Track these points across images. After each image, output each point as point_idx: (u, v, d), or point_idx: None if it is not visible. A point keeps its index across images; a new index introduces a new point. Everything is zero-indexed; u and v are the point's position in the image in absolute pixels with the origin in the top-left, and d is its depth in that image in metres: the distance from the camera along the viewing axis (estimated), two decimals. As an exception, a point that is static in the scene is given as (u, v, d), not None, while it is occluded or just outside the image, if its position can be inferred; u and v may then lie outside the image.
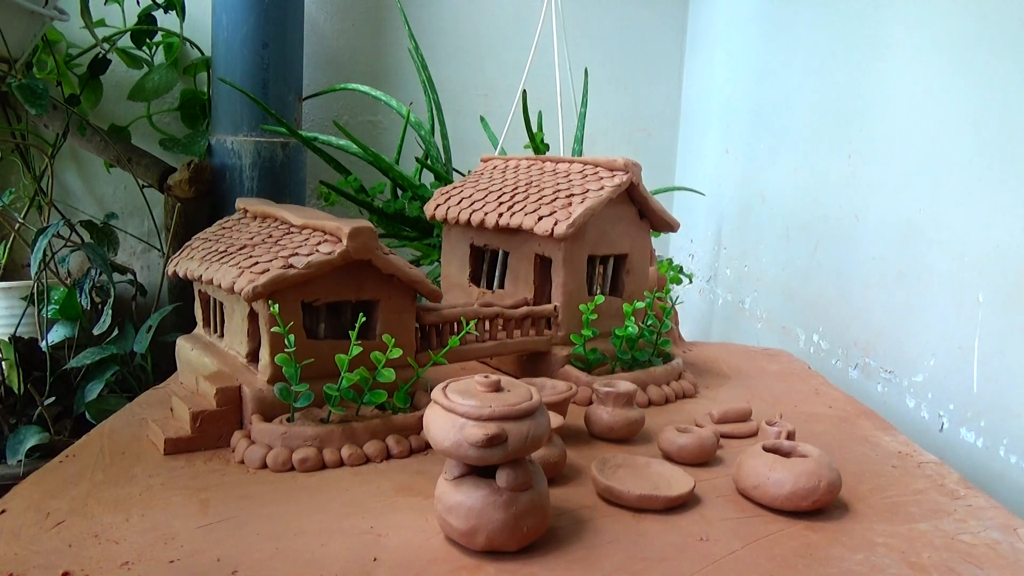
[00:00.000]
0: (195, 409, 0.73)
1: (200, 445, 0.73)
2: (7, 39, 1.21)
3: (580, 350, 0.93)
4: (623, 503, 0.64)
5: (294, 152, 1.52)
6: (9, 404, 1.26)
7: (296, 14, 1.52)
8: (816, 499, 0.63)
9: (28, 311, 1.38)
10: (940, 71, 1.09)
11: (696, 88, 1.97)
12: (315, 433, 0.71)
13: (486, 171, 1.11)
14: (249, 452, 0.70)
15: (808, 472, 0.64)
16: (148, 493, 0.64)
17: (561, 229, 0.88)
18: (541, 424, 0.55)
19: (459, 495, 0.55)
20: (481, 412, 0.53)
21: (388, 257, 0.77)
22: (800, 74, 1.47)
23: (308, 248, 0.74)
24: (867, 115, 1.25)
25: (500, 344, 0.91)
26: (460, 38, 1.83)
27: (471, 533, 0.54)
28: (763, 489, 0.64)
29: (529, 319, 0.93)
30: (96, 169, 1.61)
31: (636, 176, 0.96)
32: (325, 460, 0.70)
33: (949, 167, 1.06)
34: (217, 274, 0.75)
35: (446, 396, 0.55)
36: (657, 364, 0.98)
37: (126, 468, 0.69)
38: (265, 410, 0.73)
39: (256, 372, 0.76)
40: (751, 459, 0.67)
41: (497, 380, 0.56)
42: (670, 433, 0.75)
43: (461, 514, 0.54)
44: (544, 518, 0.57)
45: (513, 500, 0.54)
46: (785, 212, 1.51)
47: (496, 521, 0.54)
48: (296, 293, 0.73)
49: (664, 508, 0.64)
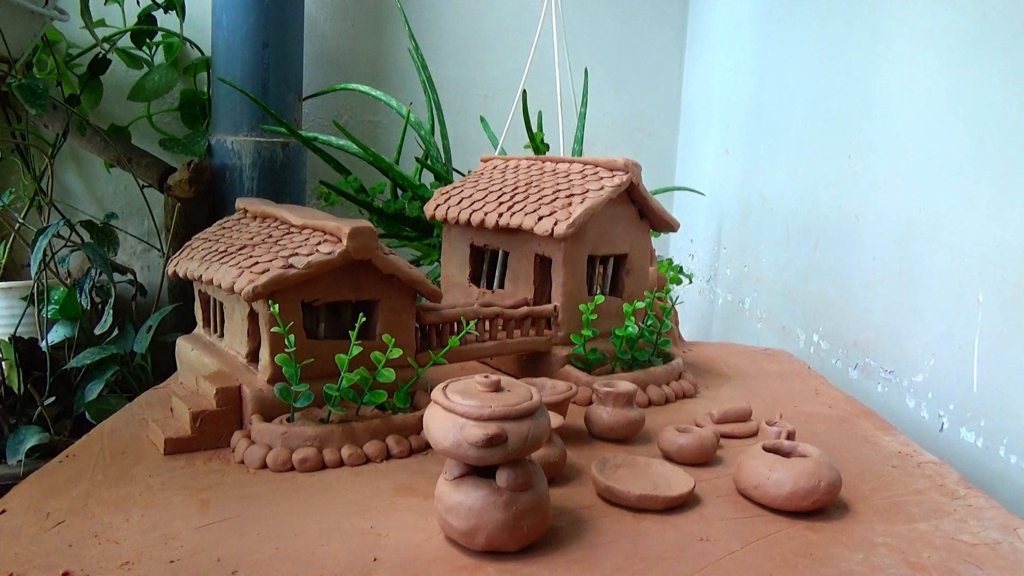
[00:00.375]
0: (195, 409, 0.73)
1: (200, 445, 0.73)
2: (7, 39, 1.21)
3: (580, 350, 0.93)
4: (623, 503, 0.64)
5: (294, 152, 1.52)
6: (9, 404, 1.26)
7: (296, 14, 1.52)
8: (816, 499, 0.63)
9: (28, 311, 1.38)
10: (940, 71, 1.09)
11: (696, 88, 1.97)
12: (315, 433, 0.71)
13: (486, 171, 1.11)
14: (249, 452, 0.70)
15: (808, 472, 0.64)
16: (148, 493, 0.64)
17: (561, 229, 0.88)
18: (541, 424, 0.55)
19: (459, 495, 0.55)
20: (481, 412, 0.53)
21: (388, 257, 0.77)
22: (800, 74, 1.47)
23: (308, 248, 0.74)
24: (867, 115, 1.25)
25: (500, 344, 0.91)
26: (460, 38, 1.83)
27: (471, 533, 0.54)
28: (763, 489, 0.65)
29: (529, 319, 0.93)
30: (96, 169, 1.61)
31: (636, 176, 0.96)
32: (325, 460, 0.70)
33: (949, 167, 1.06)
34: (217, 274, 0.75)
35: (446, 396, 0.55)
36: (657, 364, 0.98)
37: (126, 468, 0.69)
38: (265, 410, 0.73)
39: (256, 372, 0.76)
40: (751, 459, 0.67)
41: (497, 380, 0.56)
42: (670, 433, 0.76)
43: (461, 514, 0.54)
44: (544, 518, 0.57)
45: (513, 500, 0.54)
46: (785, 212, 1.51)
47: (496, 521, 0.54)
48: (296, 293, 0.73)
49: (664, 508, 0.64)
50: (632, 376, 0.93)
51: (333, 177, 1.53)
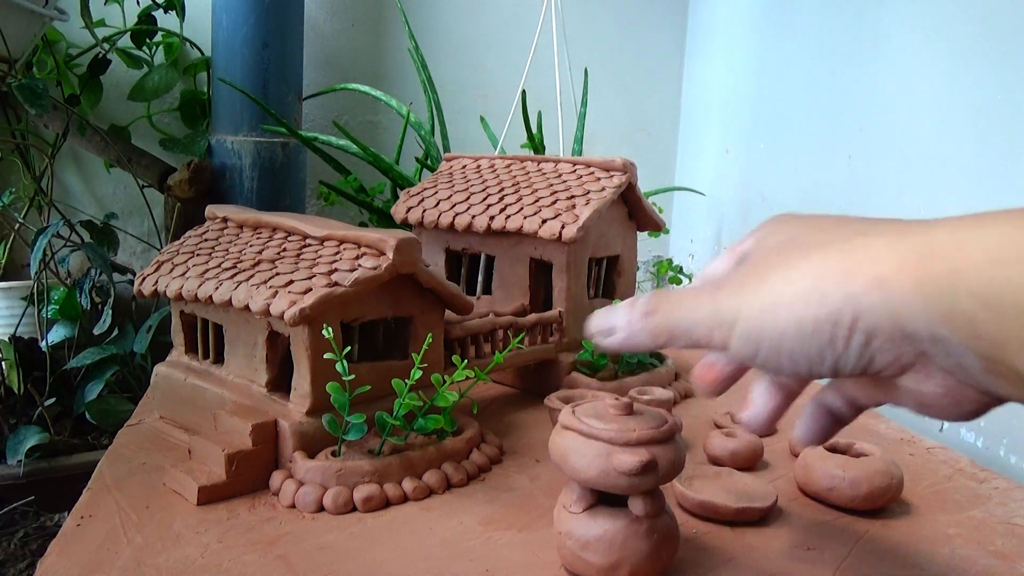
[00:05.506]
0: (231, 451, 0.64)
1: (236, 491, 0.64)
2: (7, 39, 1.21)
3: (587, 355, 0.90)
4: (720, 517, 0.62)
5: (294, 152, 1.52)
6: (9, 404, 1.26)
7: (296, 14, 1.52)
8: (890, 496, 0.64)
9: (28, 311, 1.38)
10: (940, 71, 1.09)
11: (696, 88, 1.97)
12: (373, 467, 0.63)
13: (455, 171, 1.06)
14: (301, 495, 0.62)
15: (881, 471, 0.64)
16: (210, 554, 0.55)
17: (571, 232, 0.86)
18: (681, 447, 0.52)
19: (596, 528, 0.50)
20: (628, 438, 0.49)
21: (429, 270, 0.72)
22: (800, 74, 1.47)
23: (347, 263, 0.68)
24: (867, 115, 1.25)
25: (515, 355, 0.87)
26: (460, 38, 1.83)
27: (614, 568, 0.50)
28: (839, 491, 0.64)
29: (538, 326, 0.91)
30: (96, 169, 1.61)
31: (634, 176, 0.95)
32: (389, 496, 0.64)
33: (949, 167, 1.06)
34: (237, 294, 0.67)
35: (582, 421, 0.51)
36: (658, 366, 0.97)
37: (164, 527, 0.59)
38: (307, 446, 0.66)
39: (282, 403, 0.68)
40: (819, 461, 0.67)
41: (629, 403, 0.52)
42: (718, 438, 0.74)
43: (601, 549, 0.50)
44: (677, 543, 0.53)
45: (653, 527, 0.51)
46: (785, 212, 1.51)
47: (640, 552, 0.50)
48: (337, 313, 0.66)
49: (759, 519, 0.63)
50: (640, 379, 0.91)
51: (333, 177, 1.53)
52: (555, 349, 0.92)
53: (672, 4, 1.97)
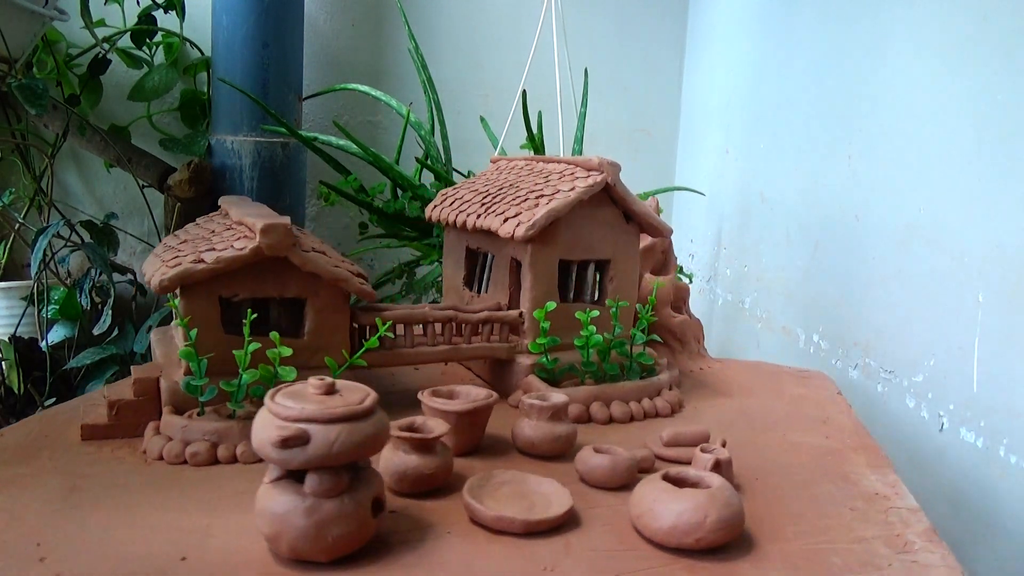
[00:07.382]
0: (113, 398, 0.74)
1: (117, 433, 0.74)
2: (7, 39, 1.21)
3: (542, 359, 0.88)
4: (482, 523, 0.59)
5: (294, 152, 1.52)
6: (9, 404, 1.26)
7: (296, 14, 1.53)
8: (701, 536, 0.56)
9: (28, 311, 1.38)
10: (940, 71, 1.09)
11: (696, 88, 1.97)
12: (215, 428, 0.70)
13: (489, 172, 1.09)
14: (152, 443, 0.70)
15: (694, 506, 0.56)
16: (34, 475, 0.65)
17: (521, 231, 0.85)
18: (361, 430, 0.52)
19: (266, 498, 0.53)
20: (288, 413, 0.52)
21: (308, 255, 0.75)
22: (800, 74, 1.47)
23: (225, 244, 0.74)
24: (867, 115, 1.25)
25: (453, 349, 0.87)
26: (460, 38, 1.83)
27: (274, 538, 0.53)
28: (644, 521, 0.58)
29: (490, 324, 0.89)
30: (96, 169, 1.61)
31: (612, 176, 0.91)
32: (218, 456, 0.70)
33: (949, 168, 1.06)
34: (146, 267, 0.77)
35: (273, 400, 0.54)
36: (633, 378, 0.91)
37: (35, 450, 0.70)
38: (179, 403, 0.73)
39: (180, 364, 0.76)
40: (643, 487, 0.60)
41: (332, 383, 0.55)
42: (586, 453, 0.69)
43: (266, 518, 0.53)
44: (358, 529, 0.53)
45: (316, 507, 0.52)
46: (785, 212, 1.51)
47: (297, 528, 0.52)
48: (210, 288, 0.73)
49: (524, 532, 0.58)
50: (597, 390, 0.87)
51: (333, 177, 1.53)
52: (509, 349, 0.90)
53: (672, 4, 1.97)
